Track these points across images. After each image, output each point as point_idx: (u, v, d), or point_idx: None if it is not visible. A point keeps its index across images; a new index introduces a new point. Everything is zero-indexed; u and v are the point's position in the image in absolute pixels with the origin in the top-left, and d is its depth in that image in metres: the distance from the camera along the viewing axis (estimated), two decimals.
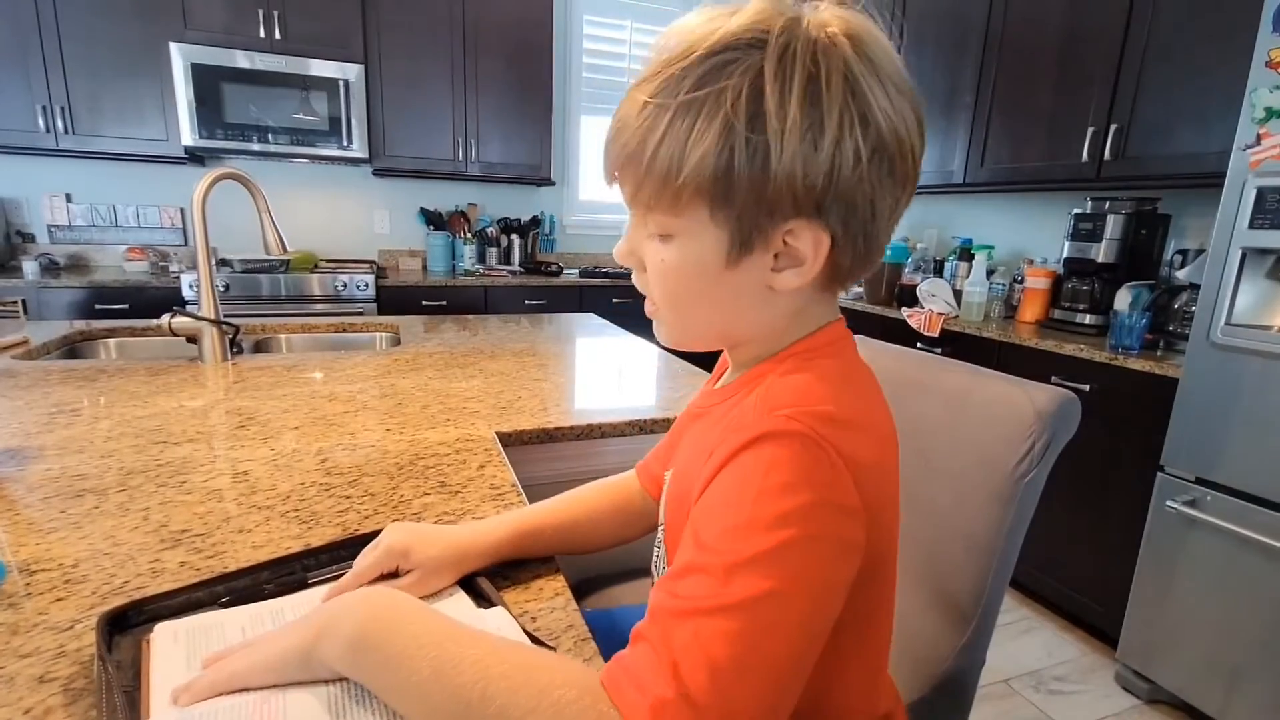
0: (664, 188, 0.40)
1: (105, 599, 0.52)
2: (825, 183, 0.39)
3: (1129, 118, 1.91)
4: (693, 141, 0.38)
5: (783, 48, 0.38)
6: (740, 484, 0.38)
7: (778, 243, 0.42)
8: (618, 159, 0.43)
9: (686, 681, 0.33)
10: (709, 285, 0.44)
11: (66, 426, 0.91)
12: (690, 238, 0.43)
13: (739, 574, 0.35)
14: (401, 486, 0.76)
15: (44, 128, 2.57)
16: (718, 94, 0.38)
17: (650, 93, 0.40)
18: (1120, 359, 1.71)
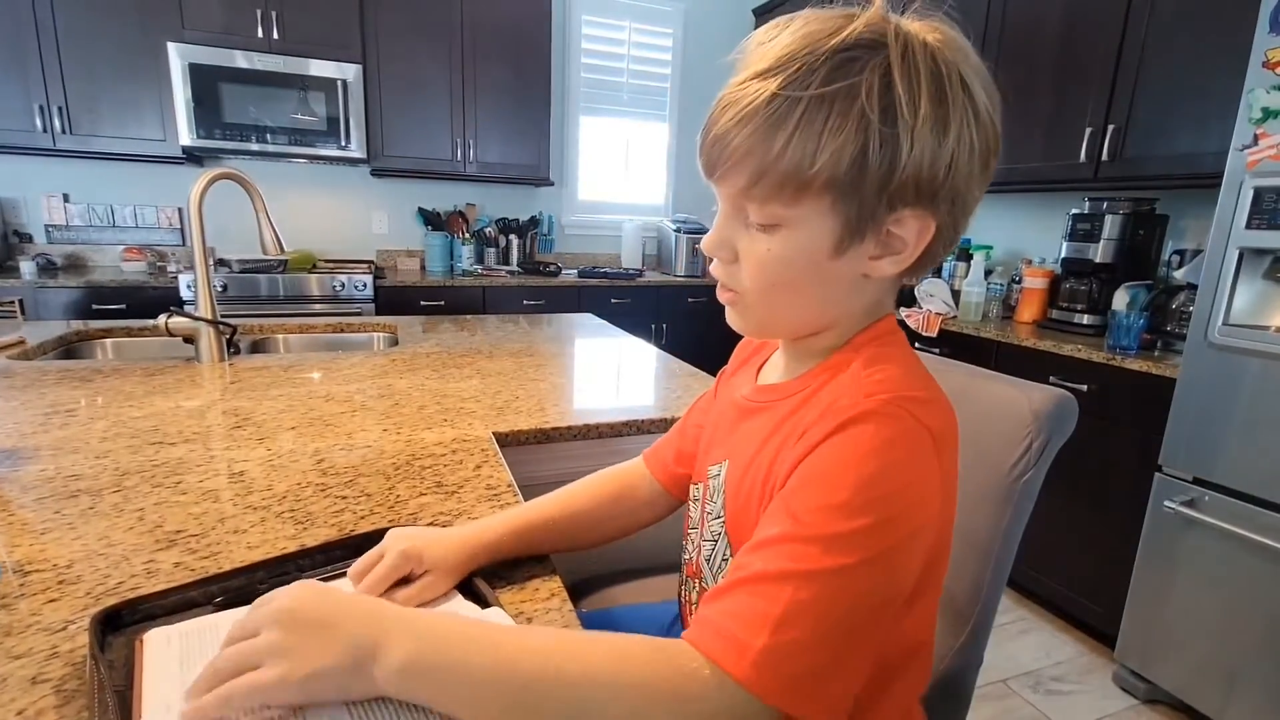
0: (791, 179, 0.41)
1: (99, 600, 0.52)
2: (945, 174, 0.42)
3: (1126, 118, 1.91)
4: (828, 134, 0.39)
5: (904, 48, 0.40)
6: (839, 462, 0.40)
7: (884, 232, 0.44)
8: (736, 151, 0.42)
9: (783, 635, 0.36)
10: (811, 274, 0.45)
11: (62, 427, 0.90)
12: (800, 227, 0.43)
13: (834, 546, 0.38)
14: (398, 487, 0.76)
15: (41, 127, 2.56)
16: (850, 88, 0.39)
17: (779, 85, 0.40)
18: (1118, 359, 1.71)
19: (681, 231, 3.50)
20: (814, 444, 0.42)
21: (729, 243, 0.47)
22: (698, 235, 3.52)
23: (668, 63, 3.71)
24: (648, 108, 3.75)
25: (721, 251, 0.48)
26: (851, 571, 0.38)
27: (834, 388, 0.47)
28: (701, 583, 0.56)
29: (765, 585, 0.38)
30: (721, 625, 0.38)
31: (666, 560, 1.01)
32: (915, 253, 0.45)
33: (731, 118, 0.42)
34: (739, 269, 0.47)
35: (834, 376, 0.48)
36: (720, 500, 0.54)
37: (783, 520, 0.40)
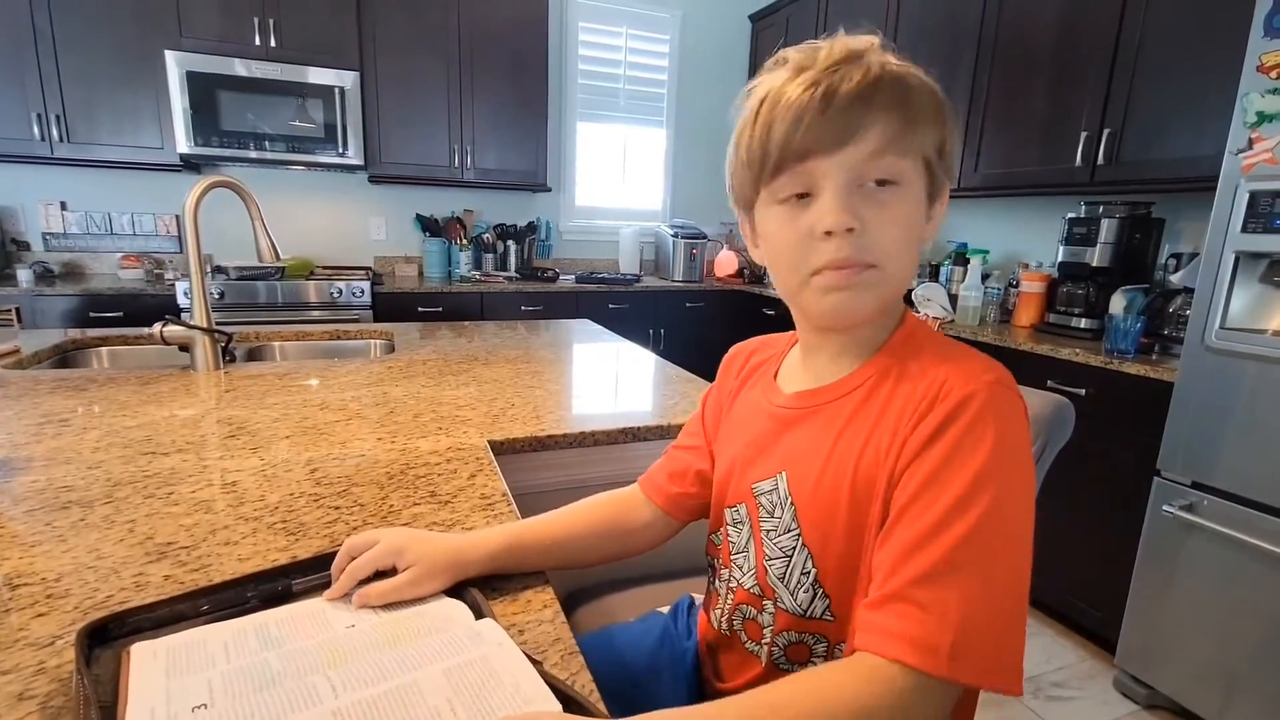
0: (912, 140, 0.48)
1: (87, 614, 0.52)
2: (953, 164, 0.54)
3: (1122, 122, 1.92)
4: (922, 108, 0.49)
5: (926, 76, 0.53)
6: (966, 453, 0.44)
7: (936, 198, 0.53)
8: (884, 105, 0.48)
9: (968, 626, 0.41)
10: (912, 225, 0.51)
11: (55, 437, 0.90)
12: (910, 183, 0.50)
13: (977, 521, 0.42)
14: (391, 496, 0.76)
15: (39, 136, 2.57)
16: (910, 76, 0.50)
17: (892, 56, 0.51)
18: (1116, 363, 1.71)
19: (679, 237, 3.50)
20: (932, 432, 0.45)
21: (853, 208, 0.48)
22: (695, 241, 3.52)
23: (664, 69, 3.72)
24: (645, 114, 3.75)
25: (852, 220, 0.48)
26: (993, 525, 0.42)
27: (915, 373, 0.50)
28: (777, 602, 0.55)
29: (932, 585, 0.42)
30: (905, 630, 0.41)
31: (660, 569, 1.01)
32: (939, 223, 0.54)
33: (863, 79, 0.47)
34: (869, 239, 0.48)
35: (903, 364, 0.51)
36: (790, 511, 0.54)
37: (921, 518, 0.44)
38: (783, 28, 3.51)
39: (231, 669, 0.46)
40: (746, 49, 3.85)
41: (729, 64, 3.84)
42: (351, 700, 0.42)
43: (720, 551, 0.62)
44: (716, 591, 0.63)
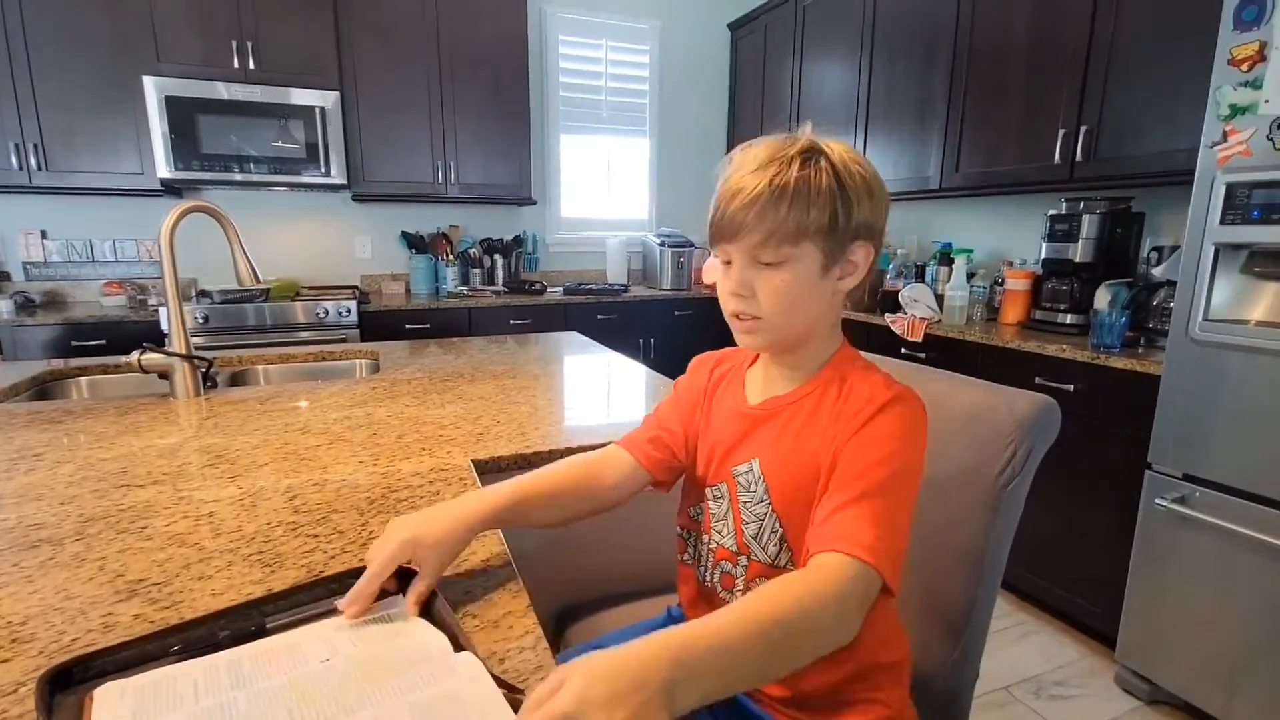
0: (795, 231, 0.61)
1: (53, 658, 0.50)
2: (873, 220, 0.65)
3: (1098, 119, 1.93)
4: (812, 201, 0.61)
5: (831, 152, 0.63)
6: (884, 430, 0.61)
7: (845, 260, 0.65)
8: (756, 218, 0.62)
9: (880, 528, 0.57)
10: (808, 293, 0.65)
11: (27, 473, 0.88)
12: (800, 260, 0.63)
13: (888, 474, 0.60)
14: (371, 522, 0.74)
15: (17, 165, 2.54)
16: (817, 173, 0.62)
17: (771, 175, 0.61)
18: (1102, 358, 1.71)
19: (666, 245, 3.50)
20: (865, 420, 0.62)
21: (748, 281, 0.65)
22: (682, 249, 3.53)
23: (645, 79, 3.74)
24: (628, 124, 3.76)
25: (744, 290, 0.65)
26: (899, 480, 0.60)
27: (851, 387, 0.66)
28: (750, 556, 0.71)
29: (859, 504, 0.58)
30: (843, 532, 0.57)
31: (651, 585, 0.99)
32: (863, 270, 0.66)
33: (742, 201, 0.62)
34: (757, 301, 0.65)
35: (842, 380, 0.67)
36: (762, 487, 0.70)
37: (854, 467, 0.60)
38: (761, 35, 3.53)
39: (199, 709, 0.44)
40: (726, 57, 3.87)
41: (710, 72, 3.86)
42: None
43: (700, 522, 0.77)
44: (698, 554, 0.77)
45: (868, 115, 2.84)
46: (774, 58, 3.45)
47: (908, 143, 2.64)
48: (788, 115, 3.36)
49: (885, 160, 2.77)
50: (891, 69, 2.70)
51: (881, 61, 2.75)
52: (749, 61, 3.69)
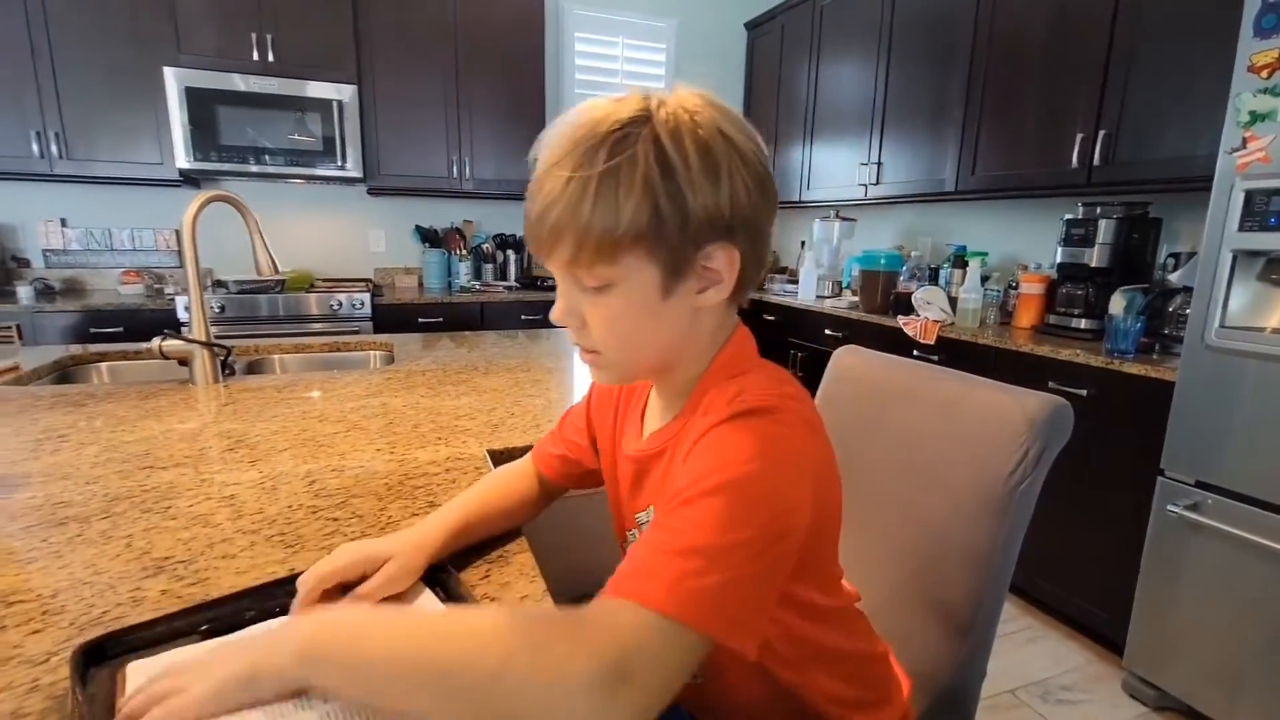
0: (605, 242, 0.47)
1: (83, 630, 0.51)
2: (730, 210, 0.49)
3: (1117, 123, 1.92)
4: (623, 199, 0.46)
5: (665, 118, 0.48)
6: (707, 454, 0.47)
7: (699, 269, 0.50)
8: (554, 230, 0.48)
9: (690, 571, 0.41)
10: (651, 319, 0.51)
11: (53, 453, 0.90)
12: (628, 281, 0.49)
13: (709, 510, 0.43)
14: (389, 507, 0.75)
15: (38, 153, 2.58)
16: (630, 159, 0.46)
17: (571, 169, 0.47)
18: (1117, 363, 1.70)
19: None
20: (699, 436, 0.50)
21: (575, 310, 0.53)
22: None
23: (661, 78, 3.74)
24: None
25: (570, 320, 0.53)
26: (731, 500, 0.44)
27: (705, 408, 0.53)
28: None
29: (670, 551, 0.43)
30: (635, 569, 0.43)
31: None
32: (731, 280, 0.51)
33: (540, 204, 0.49)
34: (590, 332, 0.53)
35: (697, 405, 0.55)
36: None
37: (675, 487, 0.46)
38: (778, 35, 3.53)
39: None
40: (742, 56, 3.87)
41: (725, 71, 3.86)
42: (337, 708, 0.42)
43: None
44: None
45: (884, 117, 2.83)
46: (790, 58, 3.44)
47: (923, 145, 2.63)
48: (803, 116, 3.35)
49: (900, 162, 2.76)
50: (908, 70, 2.69)
51: (898, 62, 2.74)
52: (765, 61, 3.68)
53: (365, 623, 0.43)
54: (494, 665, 0.37)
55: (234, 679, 0.42)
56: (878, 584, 0.89)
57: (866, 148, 2.93)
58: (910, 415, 0.91)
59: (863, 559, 0.93)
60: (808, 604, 0.57)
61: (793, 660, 0.59)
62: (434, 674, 0.39)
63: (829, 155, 3.22)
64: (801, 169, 3.41)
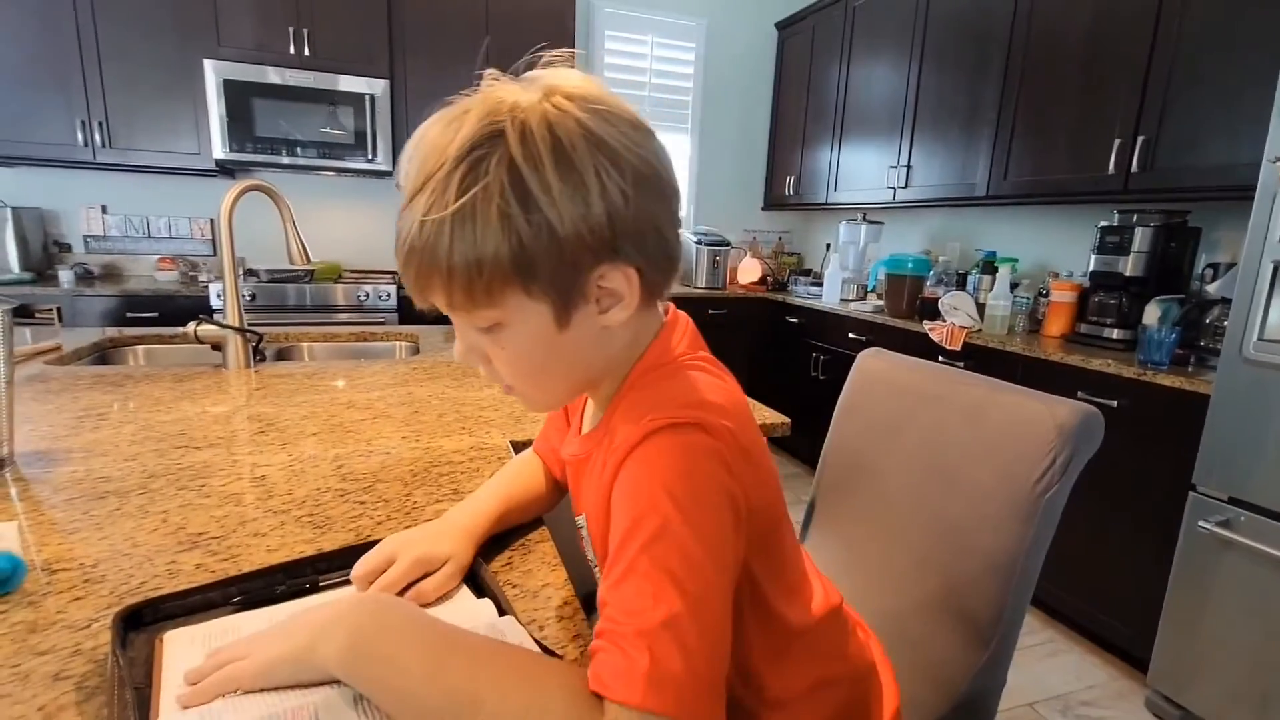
0: (473, 287, 0.43)
1: (122, 599, 0.53)
2: (608, 227, 0.43)
3: (1157, 129, 1.88)
4: (480, 239, 0.41)
5: (521, 131, 0.41)
6: (632, 489, 0.43)
7: (594, 290, 0.46)
8: (419, 278, 0.44)
9: (660, 656, 0.37)
10: (553, 352, 0.48)
11: (93, 430, 0.93)
12: (517, 319, 0.45)
13: (660, 572, 0.39)
14: (415, 493, 0.77)
15: (82, 142, 2.66)
16: (484, 190, 0.40)
17: (423, 210, 0.42)
18: (1149, 374, 1.67)
19: (703, 244, 3.50)
20: (609, 484, 0.46)
21: (475, 349, 0.49)
22: (719, 248, 3.52)
23: (689, 77, 3.74)
24: (670, 121, 3.77)
25: (472, 358, 0.50)
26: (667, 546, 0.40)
27: (615, 425, 0.50)
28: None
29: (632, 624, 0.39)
30: (608, 669, 0.38)
31: None
32: (634, 295, 0.47)
33: (402, 249, 0.44)
34: (496, 370, 0.50)
35: (614, 413, 0.51)
36: (589, 544, 0.59)
37: (615, 540, 0.42)
38: (809, 36, 3.50)
39: None
40: (772, 57, 3.85)
41: (755, 71, 3.84)
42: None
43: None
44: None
45: (914, 119, 2.80)
46: (821, 58, 3.42)
47: (955, 148, 2.60)
48: (832, 117, 3.33)
49: (930, 165, 2.73)
50: (941, 72, 2.66)
51: (931, 64, 2.71)
52: (795, 62, 3.66)
53: (403, 636, 0.42)
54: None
55: (284, 659, 0.42)
56: (897, 588, 0.89)
57: (896, 150, 2.89)
58: (936, 419, 0.90)
59: (883, 563, 0.92)
60: (781, 628, 0.55)
61: (780, 696, 0.56)
62: (449, 716, 0.38)
63: (857, 157, 3.19)
64: (829, 171, 3.38)
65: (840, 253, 3.27)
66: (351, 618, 0.43)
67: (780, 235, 4.10)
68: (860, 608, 0.92)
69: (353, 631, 0.42)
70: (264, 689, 0.42)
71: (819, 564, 1.02)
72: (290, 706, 0.40)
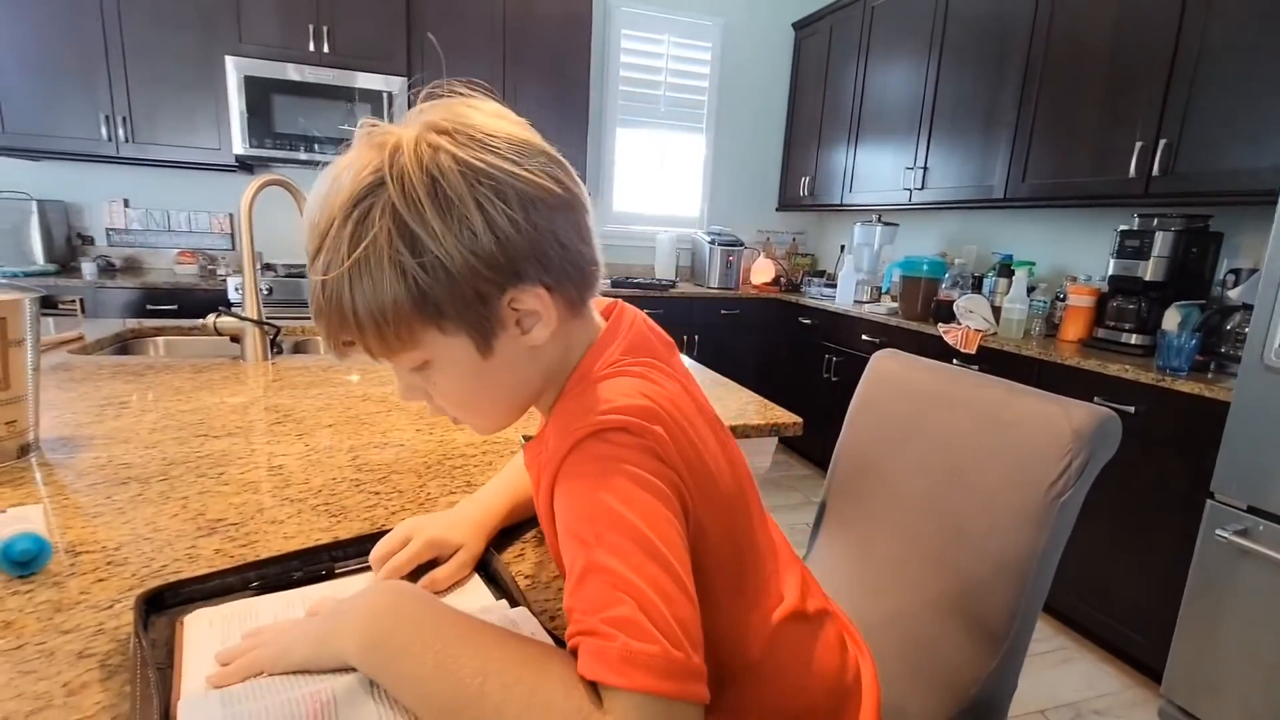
0: (385, 335, 0.44)
1: (143, 581, 0.54)
2: (502, 254, 0.43)
3: (1179, 132, 1.85)
4: (378, 288, 0.42)
5: (399, 177, 0.41)
6: (570, 497, 0.44)
7: (509, 314, 0.46)
8: (331, 333, 0.46)
9: (636, 636, 0.37)
10: (484, 380, 0.48)
11: (115, 418, 0.94)
12: (441, 357, 0.46)
13: (613, 563, 0.39)
14: (429, 485, 0.77)
15: (106, 136, 2.70)
16: (373, 243, 0.41)
17: (322, 270, 0.43)
18: (1168, 380, 1.65)
19: (716, 244, 3.50)
20: (550, 493, 0.47)
21: (414, 388, 0.50)
22: (732, 247, 3.52)
23: (705, 76, 3.73)
24: (685, 120, 3.77)
25: (414, 396, 0.51)
26: (617, 545, 0.40)
27: (549, 432, 0.50)
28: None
29: (600, 611, 0.39)
30: (593, 660, 0.38)
31: None
32: (553, 311, 0.47)
33: (312, 311, 0.46)
34: (439, 404, 0.51)
35: (556, 412, 0.51)
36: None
37: (576, 565, 0.42)
38: (827, 35, 3.49)
39: None
40: (789, 56, 3.84)
41: (771, 71, 3.83)
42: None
43: None
44: None
45: (932, 120, 2.78)
46: (838, 58, 3.40)
47: (973, 150, 2.58)
48: (848, 118, 3.31)
49: (947, 167, 2.71)
50: (960, 72, 2.64)
51: (950, 65, 2.69)
52: (812, 62, 3.65)
53: (423, 630, 0.42)
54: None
55: (302, 645, 0.43)
56: (908, 589, 0.88)
57: (913, 151, 2.88)
58: (950, 421, 0.89)
59: (894, 563, 0.92)
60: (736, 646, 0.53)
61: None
62: (457, 707, 0.38)
63: (873, 158, 3.18)
64: (844, 171, 3.37)
65: (854, 254, 3.26)
66: (369, 608, 0.43)
67: (794, 236, 4.09)
68: (869, 608, 0.92)
69: (370, 621, 0.42)
70: (285, 673, 0.42)
71: (829, 563, 1.02)
72: (309, 691, 0.40)
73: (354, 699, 0.40)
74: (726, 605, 0.52)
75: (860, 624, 0.89)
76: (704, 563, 0.48)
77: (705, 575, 0.48)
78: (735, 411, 1.10)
